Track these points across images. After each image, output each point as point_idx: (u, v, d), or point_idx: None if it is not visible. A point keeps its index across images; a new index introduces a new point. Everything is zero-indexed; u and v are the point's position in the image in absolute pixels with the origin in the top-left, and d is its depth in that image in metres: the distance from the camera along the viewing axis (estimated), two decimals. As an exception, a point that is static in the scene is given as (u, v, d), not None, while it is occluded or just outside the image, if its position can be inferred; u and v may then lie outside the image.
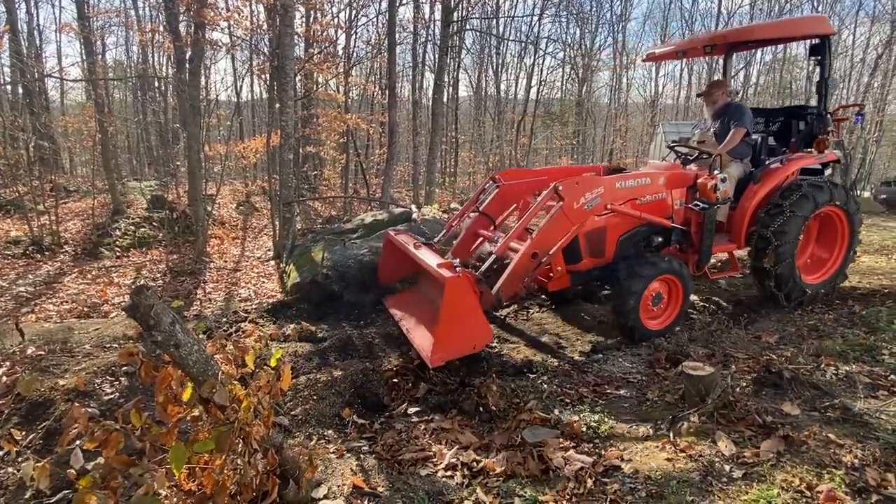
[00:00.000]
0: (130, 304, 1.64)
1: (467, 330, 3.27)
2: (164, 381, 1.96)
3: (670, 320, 4.26)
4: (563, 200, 3.65)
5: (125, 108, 23.72)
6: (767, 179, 4.63)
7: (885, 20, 24.21)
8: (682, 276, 4.17)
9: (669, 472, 2.30)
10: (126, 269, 7.46)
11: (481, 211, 4.50)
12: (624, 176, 4.19)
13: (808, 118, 5.01)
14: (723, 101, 4.83)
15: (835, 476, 2.10)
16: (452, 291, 3.16)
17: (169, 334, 1.72)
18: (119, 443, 1.88)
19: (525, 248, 3.62)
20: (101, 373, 3.52)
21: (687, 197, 4.43)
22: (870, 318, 4.16)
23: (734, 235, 4.69)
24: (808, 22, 5.24)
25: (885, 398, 2.79)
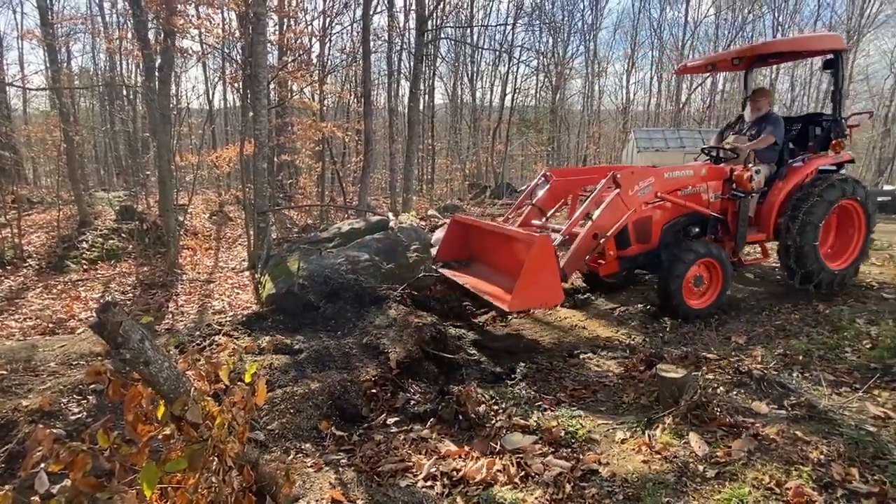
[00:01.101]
0: (97, 321, 1.59)
1: (545, 287, 3.70)
2: (134, 400, 1.91)
3: (712, 300, 4.68)
4: (620, 188, 4.21)
5: (92, 117, 23.10)
6: (791, 176, 5.09)
7: (841, 30, 25.32)
8: (721, 259, 4.61)
9: (645, 474, 2.33)
10: (94, 282, 7.23)
11: (534, 204, 5.06)
12: (671, 168, 4.76)
13: (824, 124, 5.50)
14: (766, 109, 5.27)
15: (802, 472, 2.16)
16: (540, 248, 3.61)
17: (138, 352, 1.67)
18: (86, 464, 1.82)
19: (587, 230, 4.13)
20: (68, 392, 3.39)
21: (723, 189, 4.91)
22: (833, 318, 4.31)
23: (763, 226, 5.14)
24: (824, 39, 5.71)
25: (848, 394, 2.90)
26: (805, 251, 4.87)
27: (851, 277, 5.38)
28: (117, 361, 1.75)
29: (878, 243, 7.75)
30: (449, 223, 5.16)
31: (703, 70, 6.50)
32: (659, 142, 18.80)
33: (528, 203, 5.12)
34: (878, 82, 29.23)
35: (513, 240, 4.20)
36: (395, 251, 6.01)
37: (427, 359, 4.07)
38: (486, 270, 4.62)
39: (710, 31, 29.38)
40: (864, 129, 28.30)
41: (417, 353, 4.00)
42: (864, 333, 3.82)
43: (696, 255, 4.49)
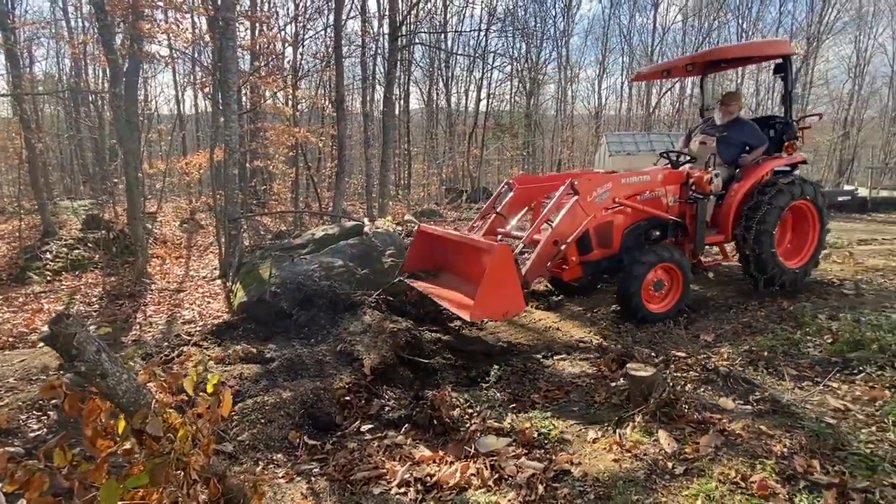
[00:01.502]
0: (49, 333, 1.53)
1: (506, 295, 3.70)
2: (92, 414, 1.85)
3: (672, 304, 4.72)
4: (578, 194, 4.26)
5: (57, 124, 22.40)
6: (748, 178, 5.20)
7: (802, 36, 26.29)
8: (680, 263, 4.67)
9: (616, 472, 2.36)
10: (58, 294, 6.99)
11: (498, 212, 5.10)
12: (628, 174, 4.83)
13: (777, 126, 5.64)
14: (736, 112, 5.44)
15: (766, 466, 2.22)
16: (499, 257, 3.60)
17: (94, 364, 1.62)
18: (43, 484, 1.75)
19: (548, 237, 4.16)
20: (27, 408, 3.26)
21: (681, 193, 4.99)
22: (797, 314, 4.44)
23: (722, 228, 5.24)
24: (772, 45, 5.96)
25: (810, 388, 2.99)
26: (763, 258, 5.02)
27: (812, 270, 5.58)
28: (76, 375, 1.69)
29: (839, 241, 8.05)
30: (415, 233, 5.15)
31: (658, 76, 6.65)
32: (630, 145, 19.18)
33: (492, 211, 5.17)
34: (837, 86, 30.47)
35: (474, 248, 4.23)
36: (370, 257, 5.97)
37: (402, 364, 4.04)
38: (453, 280, 4.62)
39: (678, 38, 30.21)
40: (826, 131, 29.42)
41: (392, 358, 3.97)
42: (825, 328, 3.95)
43: (655, 259, 4.56)
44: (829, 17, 26.24)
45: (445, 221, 12.63)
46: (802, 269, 5.39)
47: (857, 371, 3.15)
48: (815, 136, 30.51)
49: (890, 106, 30.01)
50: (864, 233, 9.44)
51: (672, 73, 6.11)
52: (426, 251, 4.97)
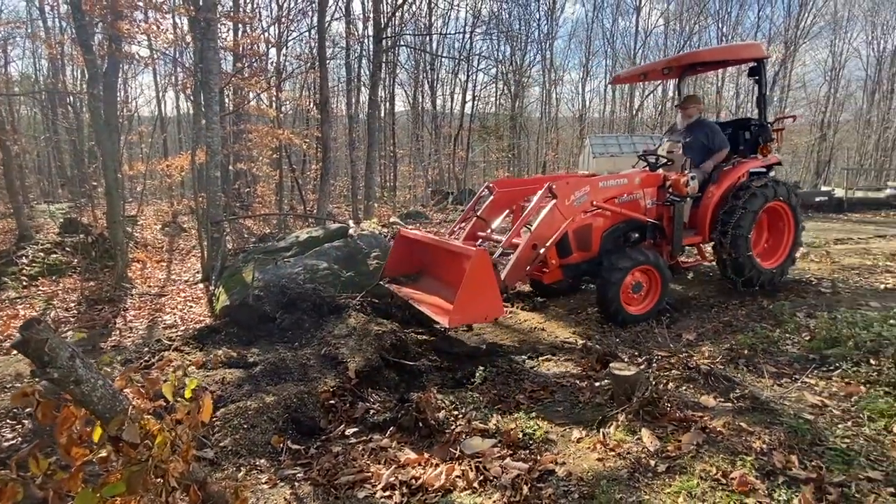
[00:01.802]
0: (20, 339, 1.49)
1: (484, 300, 3.70)
2: (67, 422, 1.81)
3: (651, 306, 4.75)
4: (556, 198, 4.27)
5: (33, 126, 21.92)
6: (723, 180, 5.26)
7: (780, 40, 26.86)
8: (658, 266, 4.70)
9: (600, 471, 2.37)
10: (34, 299, 6.82)
11: (479, 216, 5.13)
12: (606, 177, 4.86)
13: (752, 128, 5.72)
14: (696, 115, 5.51)
15: (746, 462, 2.25)
16: (477, 262, 3.60)
17: (68, 370, 1.58)
18: (16, 493, 1.71)
19: (526, 241, 4.17)
20: (1, 416, 3.18)
21: (658, 196, 5.03)
22: (776, 312, 4.53)
23: (699, 229, 5.29)
24: (746, 48, 5.99)
25: (788, 385, 3.04)
26: (741, 262, 5.11)
27: (789, 268, 5.68)
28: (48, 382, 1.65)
29: (816, 241, 8.22)
30: (395, 238, 5.15)
31: (635, 80, 6.71)
32: (613, 147, 19.38)
33: (473, 215, 5.18)
34: (815, 90, 31.16)
35: (453, 254, 4.22)
36: (355, 259, 5.94)
37: (387, 366, 4.02)
38: (433, 284, 4.61)
39: (660, 41, 30.65)
40: (804, 134, 30.07)
41: (377, 361, 3.95)
42: (803, 326, 4.03)
43: (633, 262, 4.59)
44: (806, 22, 26.86)
45: (431, 223, 12.62)
46: (779, 268, 5.49)
47: (833, 368, 3.22)
48: (793, 138, 31.18)
49: (864, 109, 30.79)
50: (841, 232, 9.65)
51: (649, 77, 6.15)
52: (406, 255, 4.96)
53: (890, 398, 2.69)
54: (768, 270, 5.35)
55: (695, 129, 5.41)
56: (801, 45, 27.36)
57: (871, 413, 2.58)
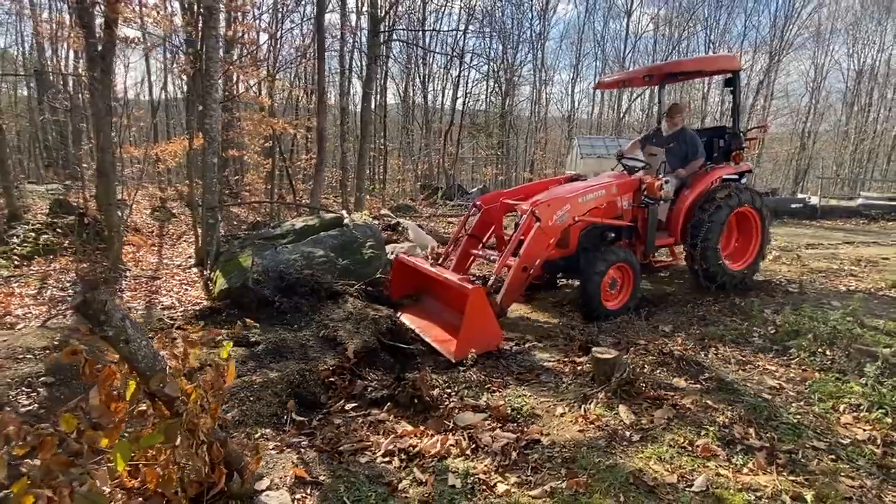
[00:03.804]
0: (82, 300, 1.69)
1: (485, 332, 3.96)
2: (108, 379, 2.01)
3: (625, 301, 5.03)
4: (539, 221, 4.51)
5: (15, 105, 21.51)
6: (696, 185, 5.54)
7: (765, 50, 27.55)
8: (632, 263, 5.00)
9: (581, 440, 2.64)
10: (28, 278, 6.87)
11: (470, 233, 5.40)
12: (584, 192, 5.00)
13: (726, 137, 6.01)
14: (681, 123, 5.73)
15: (710, 433, 2.54)
16: (474, 300, 3.83)
17: (120, 330, 1.78)
18: (54, 445, 1.90)
19: (517, 265, 4.41)
20: (16, 384, 3.33)
21: (634, 198, 5.30)
22: (746, 308, 4.87)
23: (672, 231, 5.58)
24: (721, 60, 6.39)
25: (752, 370, 3.35)
26: (712, 271, 5.44)
27: (758, 269, 6.02)
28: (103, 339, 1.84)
29: (788, 245, 8.65)
30: (394, 263, 5.38)
31: (618, 85, 6.98)
32: (601, 149, 19.76)
33: (463, 233, 5.44)
34: (797, 100, 32.01)
35: (450, 287, 4.38)
36: (351, 247, 6.14)
37: (383, 349, 4.26)
38: (435, 307, 4.86)
39: (650, 46, 31.19)
40: (784, 142, 30.89)
41: (374, 343, 4.18)
42: (769, 321, 4.37)
43: (616, 257, 4.88)
44: (790, 34, 27.60)
45: (421, 216, 12.84)
46: (748, 269, 5.80)
47: (793, 356, 3.54)
48: (774, 146, 32.04)
49: (843, 121, 31.74)
50: (812, 238, 10.12)
51: (632, 83, 6.47)
52: (406, 280, 5.20)
53: (839, 383, 3.01)
54: (738, 272, 5.67)
55: (678, 137, 5.68)
56: (785, 55, 28.13)
57: (822, 395, 2.90)
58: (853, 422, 2.70)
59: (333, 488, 2.40)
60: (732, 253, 5.93)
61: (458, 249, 5.38)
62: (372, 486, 2.37)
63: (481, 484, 2.35)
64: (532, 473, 2.40)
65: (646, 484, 2.21)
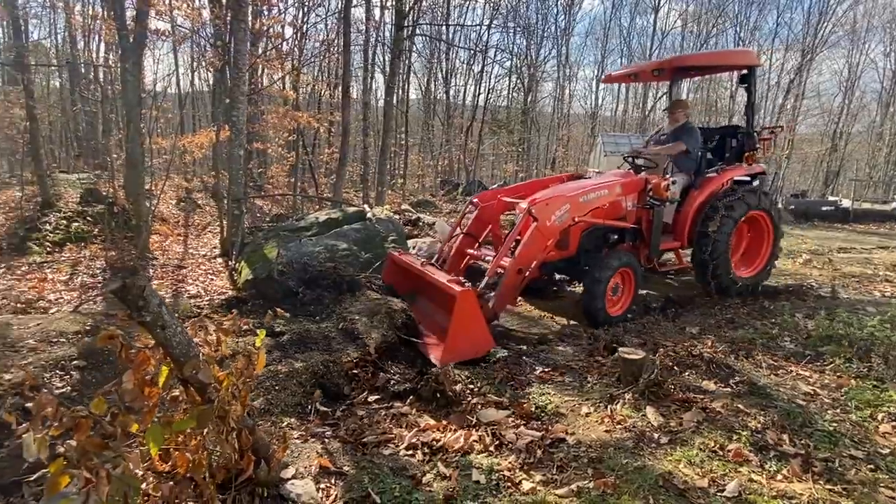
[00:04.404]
0: (120, 285, 1.72)
1: (473, 338, 3.74)
2: (143, 364, 2.04)
3: (626, 307, 4.83)
4: (537, 221, 4.24)
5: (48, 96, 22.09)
6: (705, 187, 5.30)
7: (797, 48, 26.78)
8: (634, 268, 4.79)
9: (607, 441, 2.61)
10: (60, 264, 7.07)
11: (465, 232, 5.09)
12: (586, 190, 4.73)
13: (739, 137, 5.72)
14: (683, 119, 5.49)
15: (742, 437, 2.48)
16: (462, 303, 3.63)
17: (157, 315, 1.81)
18: (89, 427, 1.94)
19: (511, 267, 4.17)
20: (50, 367, 3.42)
21: (638, 199, 5.04)
22: (776, 312, 4.75)
23: (678, 234, 5.33)
24: (737, 54, 6.02)
25: (784, 375, 3.27)
26: (723, 284, 5.24)
27: (767, 277, 5.78)
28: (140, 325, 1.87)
29: (820, 249, 8.42)
30: (387, 260, 5.19)
31: (627, 79, 6.48)
32: (625, 146, 19.46)
33: (459, 233, 5.16)
34: (829, 99, 31.07)
35: (439, 288, 4.12)
36: (373, 241, 6.16)
37: (403, 343, 4.26)
38: (428, 307, 4.66)
39: (677, 43, 30.59)
40: (815, 143, 30.04)
41: (393, 337, 4.17)
42: (801, 326, 4.25)
43: (620, 262, 4.68)
44: (825, 31, 26.77)
45: (441, 212, 12.83)
46: (757, 276, 5.55)
47: (827, 362, 3.44)
48: (804, 147, 31.19)
49: (877, 121, 30.73)
50: (844, 242, 9.83)
51: (640, 77, 6.07)
52: (399, 278, 4.96)
53: (877, 391, 2.91)
54: (748, 279, 5.43)
55: (680, 134, 5.40)
56: (819, 53, 27.30)
57: (859, 402, 2.81)
58: (893, 431, 2.61)
59: (358, 479, 2.41)
60: (742, 258, 5.67)
61: (453, 249, 5.06)
62: (396, 479, 2.37)
63: (506, 480, 2.34)
64: (558, 472, 2.37)
65: (675, 487, 2.17)
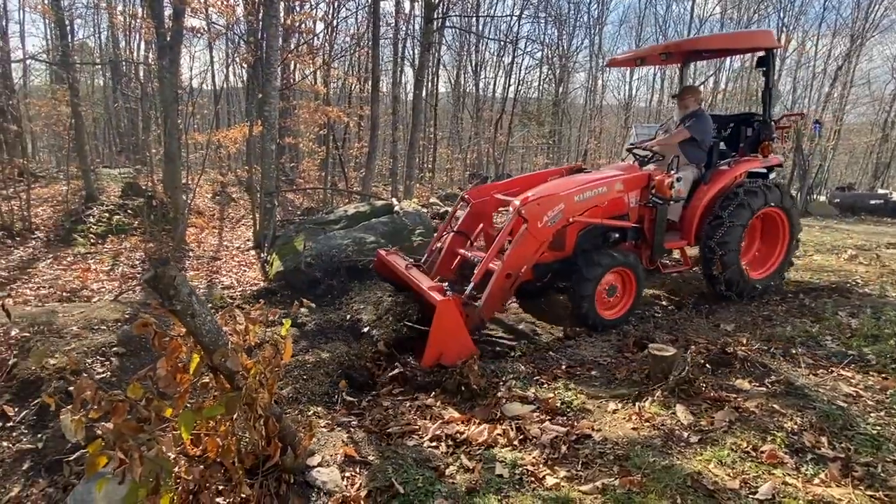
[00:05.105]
0: (153, 274, 1.77)
1: (454, 345, 3.56)
2: (175, 352, 2.11)
3: (624, 310, 4.50)
4: (527, 222, 3.94)
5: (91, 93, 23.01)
6: (716, 180, 4.91)
7: (845, 33, 25.43)
8: (635, 268, 4.43)
9: (635, 438, 2.55)
10: (102, 255, 7.38)
11: (456, 230, 4.76)
12: (582, 188, 4.38)
13: (755, 125, 5.30)
14: (693, 107, 5.07)
15: (776, 439, 2.39)
16: (442, 313, 3.49)
17: (187, 305, 1.86)
18: (125, 411, 2.01)
19: (499, 271, 3.90)
20: (92, 353, 3.59)
21: (642, 195, 4.68)
22: (817, 310, 4.55)
23: (685, 233, 4.96)
24: (754, 36, 5.47)
25: (824, 375, 3.12)
26: (729, 277, 4.85)
27: (781, 280, 5.35)
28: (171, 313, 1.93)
29: (867, 244, 8.01)
30: (375, 260, 4.87)
31: (631, 64, 6.01)
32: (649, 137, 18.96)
33: (450, 230, 4.83)
34: (880, 87, 29.43)
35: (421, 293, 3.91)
36: (400, 234, 6.20)
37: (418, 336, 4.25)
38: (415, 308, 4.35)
39: (716, 30, 29.44)
40: (863, 133, 28.58)
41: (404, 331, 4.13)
42: (844, 324, 4.05)
43: (612, 261, 4.32)
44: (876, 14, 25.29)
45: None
46: (770, 278, 5.19)
47: (872, 363, 3.27)
48: (851, 137, 29.69)
49: (933, 109, 28.91)
50: (894, 237, 9.32)
51: (647, 62, 5.68)
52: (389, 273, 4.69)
53: (926, 394, 2.75)
54: (759, 281, 5.08)
55: (688, 121, 4.99)
56: (869, 38, 25.84)
57: (905, 406, 2.66)
58: (941, 437, 2.46)
59: (382, 469, 2.43)
60: (754, 260, 5.32)
61: (444, 249, 4.73)
62: (419, 470, 2.38)
63: (529, 475, 2.32)
64: (583, 469, 2.34)
65: (705, 487, 2.11)
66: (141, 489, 1.84)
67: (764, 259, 5.34)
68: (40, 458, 2.82)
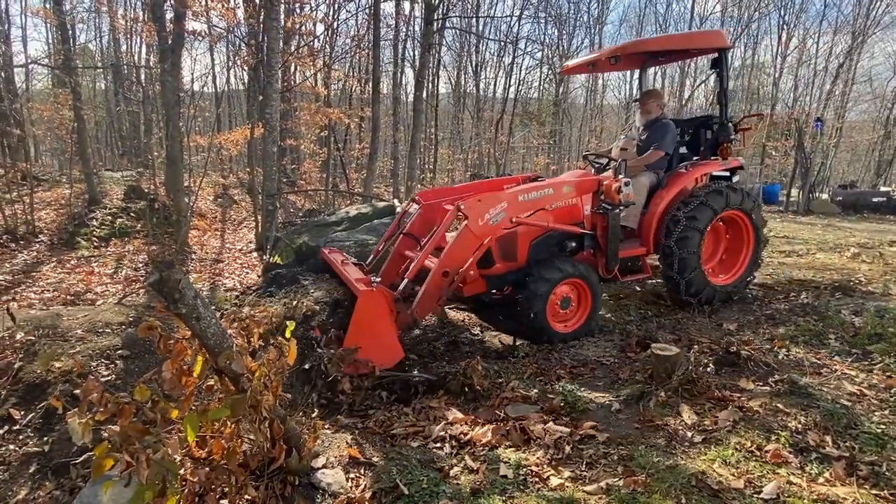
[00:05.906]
0: (157, 278, 1.78)
1: (377, 345, 3.29)
2: (180, 354, 2.12)
3: (580, 324, 4.29)
4: (467, 219, 3.82)
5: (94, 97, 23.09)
6: (674, 184, 4.82)
7: (847, 31, 25.39)
8: (589, 280, 4.24)
9: (638, 438, 2.55)
10: (105, 259, 7.41)
11: (405, 232, 4.59)
12: (527, 189, 4.30)
13: (714, 127, 5.16)
14: (656, 112, 5.01)
15: (781, 438, 2.39)
16: (363, 305, 3.27)
17: (192, 308, 1.87)
18: (132, 413, 2.02)
19: (435, 268, 3.74)
20: (97, 356, 3.59)
21: (594, 202, 4.55)
22: (820, 308, 4.54)
23: (643, 239, 4.85)
24: (705, 36, 5.31)
25: (828, 374, 3.12)
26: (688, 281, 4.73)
27: (744, 288, 5.25)
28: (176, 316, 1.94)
29: (869, 242, 8.00)
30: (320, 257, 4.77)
31: (584, 70, 5.85)
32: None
33: (398, 232, 4.66)
34: (882, 84, 29.36)
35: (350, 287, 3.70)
36: (402, 235, 6.20)
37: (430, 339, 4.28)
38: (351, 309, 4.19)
39: (716, 28, 29.39)
40: (865, 131, 28.52)
41: (421, 333, 4.20)
42: (847, 323, 4.05)
43: (562, 273, 4.13)
44: (877, 12, 25.23)
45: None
46: (734, 284, 5.09)
47: (876, 361, 3.27)
48: (853, 135, 29.64)
49: (935, 106, 28.82)
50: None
51: (598, 67, 5.39)
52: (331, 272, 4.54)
53: (931, 392, 2.75)
54: (722, 287, 4.97)
55: (651, 128, 4.92)
56: (871, 35, 25.78)
57: (910, 404, 2.66)
58: (947, 435, 2.46)
59: (386, 470, 2.44)
60: (718, 266, 5.23)
61: (391, 251, 4.59)
62: (424, 471, 2.39)
63: (534, 476, 2.32)
64: (587, 469, 2.34)
65: (709, 487, 2.11)
66: (147, 491, 1.85)
67: (729, 265, 5.23)
68: (47, 461, 2.83)
